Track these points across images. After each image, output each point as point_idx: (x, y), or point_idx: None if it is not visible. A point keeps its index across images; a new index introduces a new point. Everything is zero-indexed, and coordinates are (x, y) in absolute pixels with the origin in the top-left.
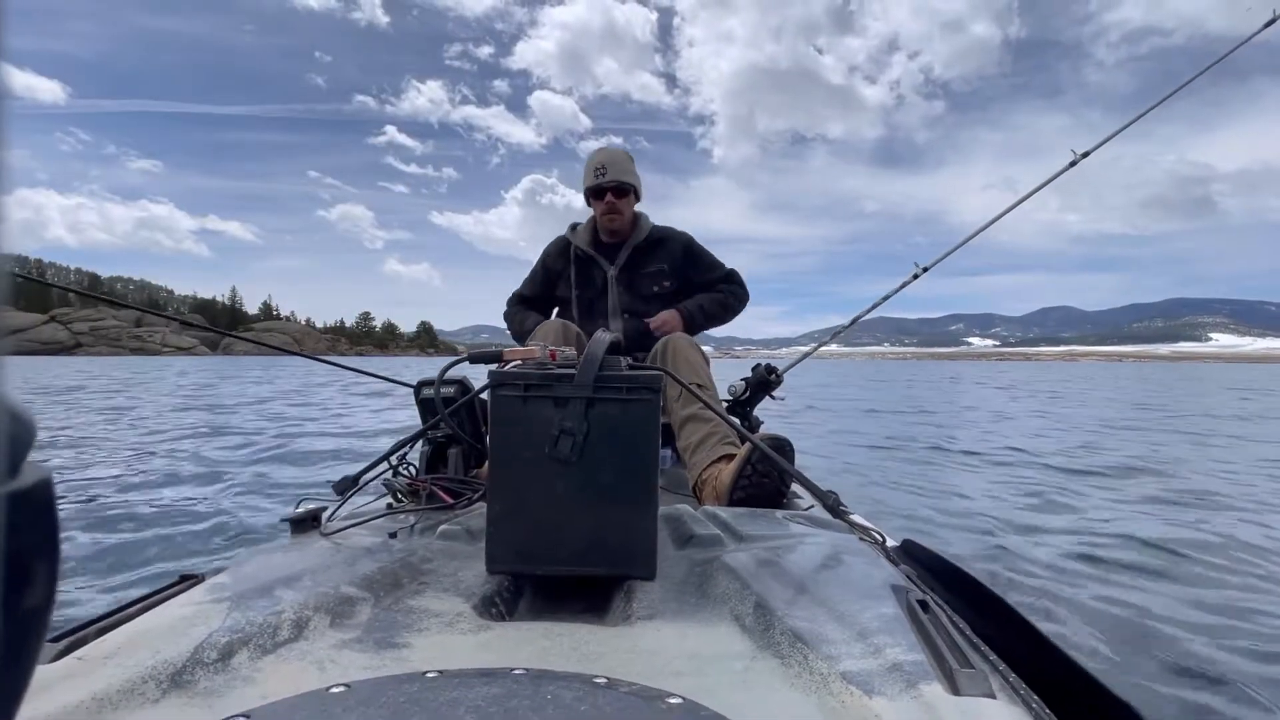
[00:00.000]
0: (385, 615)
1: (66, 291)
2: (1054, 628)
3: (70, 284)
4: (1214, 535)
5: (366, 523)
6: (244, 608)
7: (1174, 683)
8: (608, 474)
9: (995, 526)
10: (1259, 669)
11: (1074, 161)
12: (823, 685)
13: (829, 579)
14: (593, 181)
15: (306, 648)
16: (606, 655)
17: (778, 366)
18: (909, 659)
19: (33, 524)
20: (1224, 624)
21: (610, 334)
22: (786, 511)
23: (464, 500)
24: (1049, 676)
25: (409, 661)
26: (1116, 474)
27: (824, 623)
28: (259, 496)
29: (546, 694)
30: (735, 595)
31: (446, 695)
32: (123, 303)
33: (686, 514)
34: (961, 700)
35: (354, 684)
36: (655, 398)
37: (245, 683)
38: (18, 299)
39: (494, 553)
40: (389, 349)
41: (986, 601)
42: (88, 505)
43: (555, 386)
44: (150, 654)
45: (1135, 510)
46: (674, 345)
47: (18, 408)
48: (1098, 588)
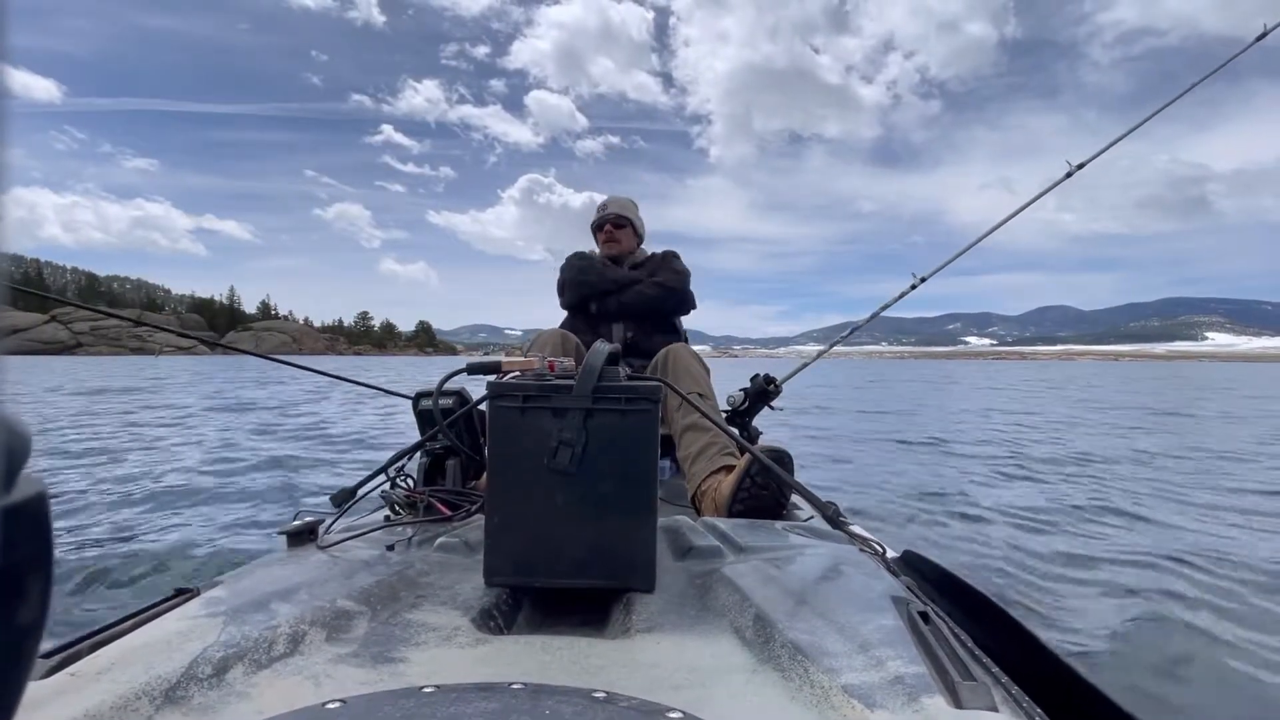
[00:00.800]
0: (382, 629)
1: (62, 301)
2: (1057, 638)
3: (66, 283)
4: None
5: (363, 535)
6: (239, 622)
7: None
8: (607, 485)
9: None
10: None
11: (1069, 173)
12: (824, 699)
13: (829, 591)
14: (596, 218)
15: (302, 663)
16: (606, 669)
17: (775, 376)
18: (910, 671)
19: (27, 538)
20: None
21: (609, 345)
22: (786, 523)
23: (462, 512)
24: (1052, 688)
25: (406, 676)
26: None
27: (825, 635)
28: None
29: (545, 709)
30: (735, 607)
31: (444, 710)
32: (118, 314)
33: (685, 525)
34: (963, 714)
35: (350, 699)
36: (654, 408)
37: (240, 698)
38: (16, 299)
39: (492, 565)
40: (387, 348)
41: (988, 613)
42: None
43: (554, 397)
44: (144, 670)
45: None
46: (674, 355)
47: (13, 420)
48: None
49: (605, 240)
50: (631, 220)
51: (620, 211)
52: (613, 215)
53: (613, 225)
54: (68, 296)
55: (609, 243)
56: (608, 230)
